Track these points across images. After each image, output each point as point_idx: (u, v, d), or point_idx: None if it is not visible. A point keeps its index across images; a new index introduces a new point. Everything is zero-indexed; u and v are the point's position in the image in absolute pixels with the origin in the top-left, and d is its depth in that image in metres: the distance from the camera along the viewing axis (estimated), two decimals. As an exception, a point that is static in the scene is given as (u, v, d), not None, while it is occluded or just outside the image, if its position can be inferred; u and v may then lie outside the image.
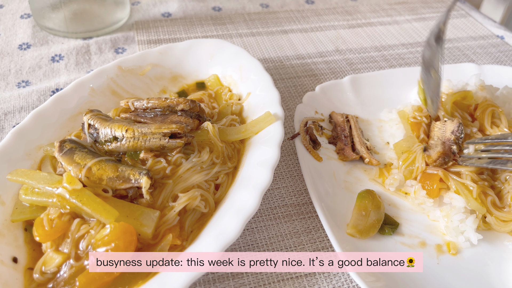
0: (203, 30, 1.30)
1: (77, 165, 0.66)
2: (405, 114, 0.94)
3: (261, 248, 0.75)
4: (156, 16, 1.33)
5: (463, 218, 0.76)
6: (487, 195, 0.79)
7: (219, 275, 0.71)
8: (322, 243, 0.77)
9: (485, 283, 0.72)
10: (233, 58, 0.99)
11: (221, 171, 0.76)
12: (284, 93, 1.09)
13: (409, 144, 0.88)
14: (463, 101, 0.92)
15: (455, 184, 0.80)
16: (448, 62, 1.25)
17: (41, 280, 0.63)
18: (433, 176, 0.82)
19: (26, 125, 0.78)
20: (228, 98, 0.94)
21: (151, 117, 0.77)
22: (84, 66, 1.12)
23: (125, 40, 1.21)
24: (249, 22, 1.35)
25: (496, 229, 0.78)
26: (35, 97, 1.01)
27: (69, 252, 0.62)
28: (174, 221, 0.67)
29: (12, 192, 0.72)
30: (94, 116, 0.74)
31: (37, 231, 0.63)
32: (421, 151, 0.85)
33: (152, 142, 0.70)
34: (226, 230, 0.63)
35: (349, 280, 0.72)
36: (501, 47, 1.33)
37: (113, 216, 0.62)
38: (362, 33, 1.35)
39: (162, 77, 0.99)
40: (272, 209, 0.82)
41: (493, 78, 1.07)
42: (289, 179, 0.88)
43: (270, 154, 0.74)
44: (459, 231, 0.76)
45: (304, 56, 1.23)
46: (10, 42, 1.18)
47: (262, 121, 0.81)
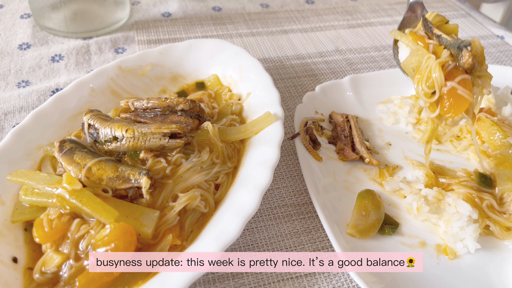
0: (203, 30, 1.30)
1: (77, 165, 0.66)
2: (401, 33, 0.87)
3: (261, 248, 0.75)
4: (156, 16, 1.33)
5: (463, 225, 0.74)
6: (482, 199, 0.79)
7: (219, 275, 0.71)
8: (322, 243, 0.77)
9: (485, 283, 0.71)
10: (233, 58, 0.99)
11: (221, 171, 0.76)
12: (284, 93, 1.09)
13: (419, 58, 0.79)
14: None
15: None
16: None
17: (41, 280, 0.63)
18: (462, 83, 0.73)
19: (26, 125, 0.78)
20: (228, 98, 0.94)
21: (151, 117, 0.77)
22: (84, 66, 1.12)
23: (125, 40, 1.21)
24: (249, 22, 1.35)
25: (500, 238, 0.77)
26: (35, 97, 1.01)
27: (68, 252, 0.62)
28: (174, 221, 0.67)
29: (12, 192, 0.72)
30: (94, 116, 0.74)
31: (37, 232, 0.63)
32: (434, 59, 0.75)
33: (152, 142, 0.70)
34: (226, 230, 0.63)
35: (349, 280, 0.72)
36: (501, 47, 1.33)
37: (113, 216, 0.62)
38: (362, 33, 1.35)
39: (162, 77, 0.99)
40: (272, 209, 0.82)
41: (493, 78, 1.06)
42: (289, 179, 0.88)
43: (270, 154, 0.74)
44: (458, 238, 0.75)
45: (304, 56, 1.23)
46: (10, 42, 1.18)
47: (262, 121, 0.81)
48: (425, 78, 0.76)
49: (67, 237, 0.63)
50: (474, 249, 0.74)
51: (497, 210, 0.79)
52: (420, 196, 0.81)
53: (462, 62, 0.74)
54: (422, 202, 0.79)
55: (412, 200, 0.80)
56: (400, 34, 0.87)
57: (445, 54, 0.76)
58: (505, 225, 0.78)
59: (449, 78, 0.74)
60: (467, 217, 0.75)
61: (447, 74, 0.75)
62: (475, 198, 0.79)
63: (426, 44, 0.80)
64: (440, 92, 0.75)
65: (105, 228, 0.61)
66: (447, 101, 0.74)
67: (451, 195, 0.79)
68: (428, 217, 0.79)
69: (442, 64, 0.75)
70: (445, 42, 0.78)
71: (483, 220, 0.77)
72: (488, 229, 0.78)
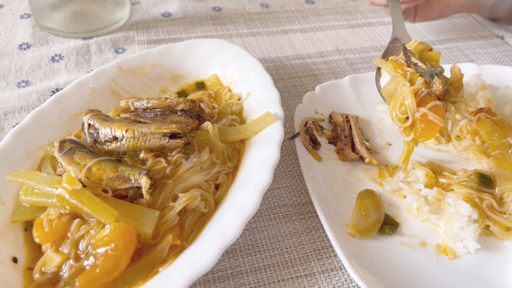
0: (203, 30, 1.30)
1: (77, 165, 0.66)
2: (383, 61, 0.90)
3: (261, 248, 0.75)
4: (156, 16, 1.33)
5: (463, 225, 0.75)
6: (482, 199, 0.79)
7: (219, 275, 0.71)
8: (322, 243, 0.77)
9: (485, 283, 0.71)
10: (233, 58, 0.99)
11: (221, 171, 0.76)
12: (284, 93, 1.09)
13: (395, 85, 0.83)
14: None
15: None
16: (448, 62, 1.25)
17: (41, 280, 0.63)
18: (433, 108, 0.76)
19: (26, 125, 0.78)
20: (228, 98, 0.94)
21: (151, 117, 0.77)
22: (84, 66, 1.12)
23: (125, 40, 1.21)
24: (249, 22, 1.35)
25: (500, 238, 0.77)
26: (35, 97, 1.01)
27: (68, 253, 0.62)
28: (174, 221, 0.67)
29: (12, 192, 0.72)
30: (94, 116, 0.74)
31: (36, 232, 0.63)
32: (408, 86, 0.79)
33: (152, 142, 0.70)
34: (226, 230, 0.63)
35: (349, 280, 0.72)
36: (501, 47, 1.33)
37: (113, 216, 0.62)
38: (362, 33, 1.35)
39: (162, 77, 0.99)
40: (272, 209, 0.82)
41: (494, 78, 1.07)
42: (289, 179, 0.88)
43: (270, 154, 0.74)
44: (458, 238, 0.75)
45: (304, 56, 1.23)
46: (10, 42, 1.18)
47: (262, 121, 0.81)
48: (398, 104, 0.80)
49: (67, 237, 0.63)
50: (474, 249, 0.74)
51: (497, 210, 0.79)
52: (420, 196, 0.81)
53: (434, 89, 0.78)
54: (422, 202, 0.79)
55: (412, 200, 0.80)
56: (382, 62, 0.91)
57: (419, 81, 0.80)
58: (505, 225, 0.77)
59: (422, 104, 0.78)
60: (467, 217, 0.75)
61: (420, 100, 0.78)
62: (475, 198, 0.79)
63: (404, 71, 0.84)
64: (413, 118, 0.79)
65: (105, 228, 0.61)
66: (420, 126, 0.78)
67: (451, 195, 0.79)
68: (428, 217, 0.79)
69: (416, 91, 0.79)
70: (420, 70, 0.82)
71: (483, 220, 0.77)
72: (488, 229, 0.78)
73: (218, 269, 0.72)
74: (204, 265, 0.59)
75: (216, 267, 0.72)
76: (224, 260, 0.73)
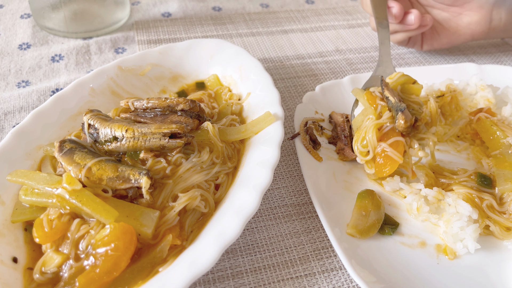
0: (203, 30, 1.30)
1: (77, 165, 0.66)
2: (360, 92, 0.90)
3: (261, 248, 0.75)
4: (156, 16, 1.33)
5: (463, 225, 0.74)
6: (482, 199, 0.79)
7: (219, 275, 0.71)
8: (322, 243, 0.77)
9: (485, 283, 0.71)
10: (233, 58, 0.99)
11: (221, 171, 0.76)
12: (284, 93, 1.10)
13: (363, 118, 0.83)
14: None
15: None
16: (448, 62, 1.25)
17: (41, 280, 0.63)
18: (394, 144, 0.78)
19: (26, 125, 0.78)
20: (228, 98, 0.94)
21: (151, 117, 0.77)
22: (84, 66, 1.12)
23: (125, 40, 1.21)
24: (249, 22, 1.35)
25: (500, 238, 0.77)
26: (35, 97, 1.01)
27: (68, 253, 0.62)
28: (174, 221, 0.67)
29: (12, 192, 0.72)
30: (94, 116, 0.74)
31: (37, 232, 0.63)
32: (372, 122, 0.80)
33: (152, 142, 0.70)
34: (226, 230, 0.63)
35: (349, 280, 0.72)
36: (501, 47, 1.33)
37: (113, 216, 0.62)
38: (362, 33, 1.35)
39: (162, 77, 0.99)
40: (272, 209, 0.82)
41: (494, 78, 1.07)
42: (289, 179, 0.88)
43: (270, 154, 0.74)
44: (458, 238, 0.75)
45: (304, 56, 1.23)
46: (10, 42, 1.18)
47: (262, 121, 0.81)
48: (360, 138, 0.81)
49: (67, 237, 0.63)
50: (474, 249, 0.74)
51: (497, 210, 0.79)
52: (420, 196, 0.81)
53: (396, 125, 0.79)
54: (422, 202, 0.79)
55: (412, 200, 0.80)
56: (358, 93, 0.90)
57: (386, 116, 0.81)
58: (505, 225, 0.77)
59: (384, 139, 0.79)
60: (467, 217, 0.75)
61: (383, 135, 0.80)
62: (475, 198, 0.79)
63: (376, 104, 0.84)
64: (374, 152, 0.80)
65: (105, 228, 0.61)
66: (379, 160, 0.79)
67: (451, 195, 0.79)
68: (428, 217, 0.79)
69: (380, 126, 0.80)
70: (390, 104, 0.82)
71: (483, 220, 0.77)
72: (488, 229, 0.78)
73: (218, 269, 0.72)
74: (204, 265, 0.59)
75: (216, 267, 0.72)
76: (224, 260, 0.73)
